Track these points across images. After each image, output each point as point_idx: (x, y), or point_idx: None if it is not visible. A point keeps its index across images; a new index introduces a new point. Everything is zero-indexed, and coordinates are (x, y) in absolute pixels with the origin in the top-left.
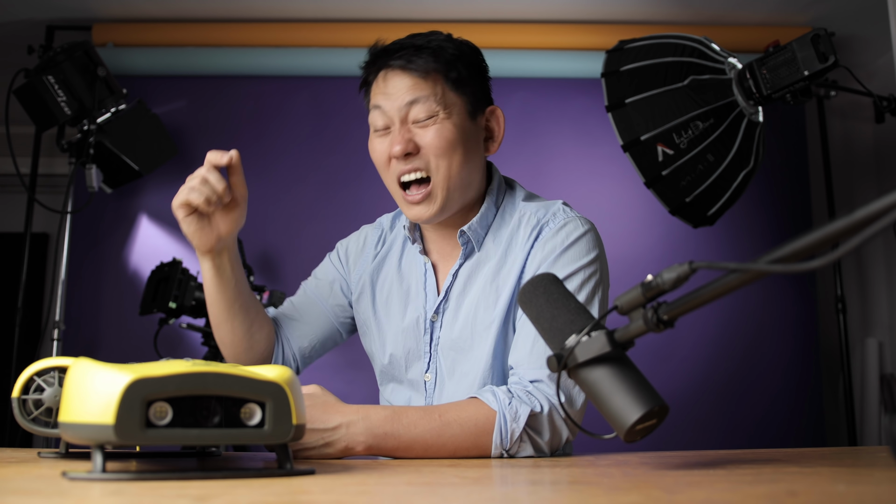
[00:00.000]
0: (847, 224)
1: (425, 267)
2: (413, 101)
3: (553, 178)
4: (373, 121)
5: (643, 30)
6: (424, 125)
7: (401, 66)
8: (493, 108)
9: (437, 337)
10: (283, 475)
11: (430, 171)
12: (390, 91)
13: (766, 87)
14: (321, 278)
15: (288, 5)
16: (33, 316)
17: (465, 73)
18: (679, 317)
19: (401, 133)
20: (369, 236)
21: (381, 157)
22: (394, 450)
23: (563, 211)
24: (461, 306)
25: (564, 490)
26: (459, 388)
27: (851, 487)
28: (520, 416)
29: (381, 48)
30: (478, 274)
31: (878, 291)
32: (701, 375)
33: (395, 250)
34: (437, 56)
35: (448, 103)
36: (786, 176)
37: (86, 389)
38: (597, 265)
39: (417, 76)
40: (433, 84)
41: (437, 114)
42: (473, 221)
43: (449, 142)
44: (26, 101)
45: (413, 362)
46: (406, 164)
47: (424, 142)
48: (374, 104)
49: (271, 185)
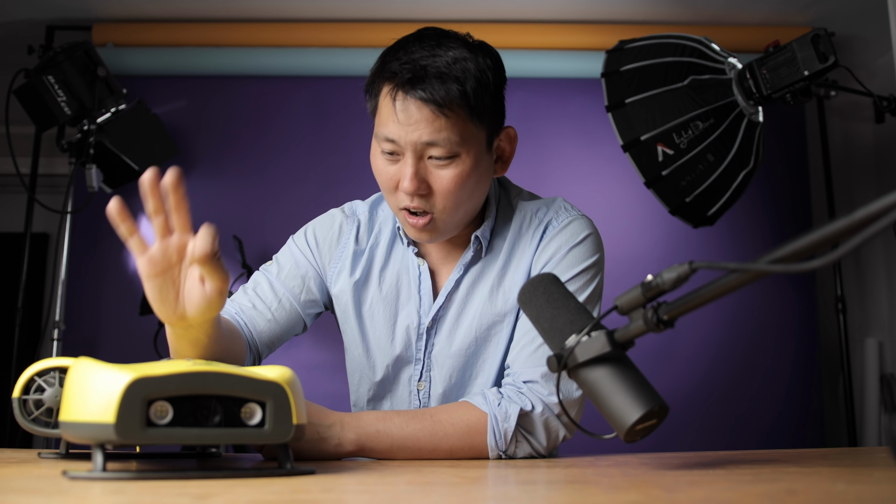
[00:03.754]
0: (847, 224)
1: (419, 270)
2: (431, 143)
3: (553, 178)
4: (380, 144)
5: (643, 30)
6: (440, 165)
7: (421, 98)
8: (507, 130)
9: (432, 344)
10: (283, 475)
11: (434, 211)
12: (408, 122)
13: (766, 87)
14: (290, 268)
15: (288, 5)
16: (33, 316)
17: (489, 102)
18: (679, 317)
19: (413, 168)
20: (344, 226)
21: (387, 181)
22: (387, 449)
23: (566, 208)
24: (464, 311)
25: (563, 490)
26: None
27: (851, 487)
28: (510, 415)
29: (399, 62)
30: (483, 278)
31: (877, 291)
32: (701, 375)
33: (380, 248)
34: (462, 85)
35: (467, 139)
36: (786, 176)
37: (86, 389)
38: (600, 266)
39: (439, 112)
40: (455, 121)
41: (457, 154)
42: (485, 227)
43: (462, 184)
44: (26, 101)
45: (402, 368)
46: (412, 200)
47: (438, 185)
48: (387, 135)
49: (271, 185)
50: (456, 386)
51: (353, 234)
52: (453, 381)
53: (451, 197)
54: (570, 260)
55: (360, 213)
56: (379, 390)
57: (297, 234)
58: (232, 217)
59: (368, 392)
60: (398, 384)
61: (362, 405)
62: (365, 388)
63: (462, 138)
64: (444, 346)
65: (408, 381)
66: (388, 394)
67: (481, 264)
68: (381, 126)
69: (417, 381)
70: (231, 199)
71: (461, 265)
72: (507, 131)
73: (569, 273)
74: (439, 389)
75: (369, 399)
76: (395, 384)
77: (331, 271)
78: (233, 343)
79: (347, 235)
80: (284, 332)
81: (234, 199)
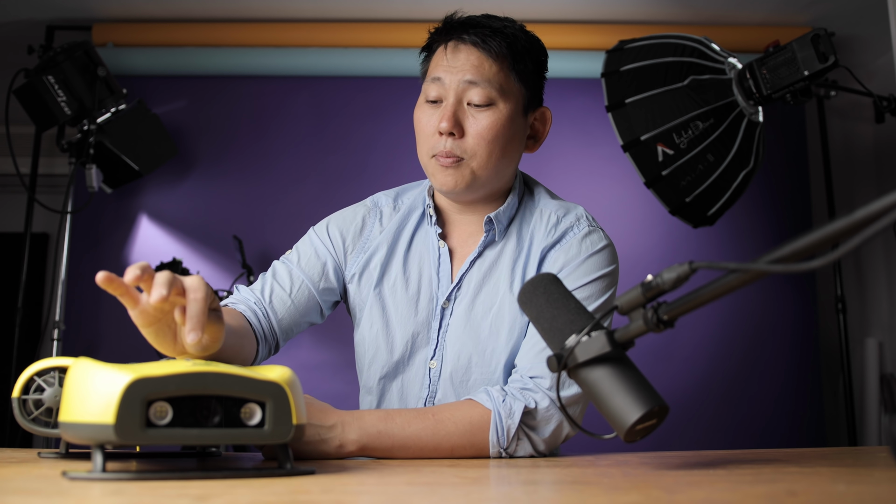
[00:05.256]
0: (847, 224)
1: (440, 251)
2: (474, 82)
3: (553, 178)
4: (427, 90)
5: (643, 30)
6: (479, 109)
7: (473, 42)
8: (543, 109)
9: (447, 324)
10: (283, 475)
11: (465, 155)
12: (455, 64)
13: (766, 87)
14: (310, 256)
15: (288, 5)
16: (33, 316)
17: (531, 68)
18: (679, 317)
19: (452, 110)
20: (367, 218)
21: (424, 128)
22: (389, 449)
23: (588, 218)
24: (479, 295)
25: (564, 490)
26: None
27: (851, 487)
28: (514, 412)
29: (458, 20)
30: (499, 264)
31: (877, 291)
32: (701, 375)
33: (405, 231)
34: (512, 43)
35: (507, 92)
36: (786, 176)
37: (86, 389)
38: (614, 278)
39: (486, 56)
40: (499, 69)
41: (494, 101)
42: (500, 210)
43: (496, 133)
44: (26, 101)
45: (420, 348)
46: (445, 143)
47: (473, 129)
48: (434, 75)
49: (271, 185)
50: (464, 367)
51: (377, 222)
52: (462, 363)
53: (483, 142)
54: (586, 268)
55: (382, 205)
56: (392, 369)
57: (318, 224)
58: (232, 217)
59: (382, 370)
60: (413, 362)
61: (372, 385)
62: (378, 365)
63: (502, 89)
64: (458, 327)
65: (424, 360)
66: (402, 372)
67: (498, 249)
68: (431, 72)
69: (430, 359)
70: (231, 199)
71: (478, 247)
72: (544, 111)
73: (583, 280)
74: (448, 369)
75: (381, 377)
76: (411, 362)
77: (351, 261)
78: (240, 344)
79: (371, 226)
80: (302, 317)
81: (234, 199)
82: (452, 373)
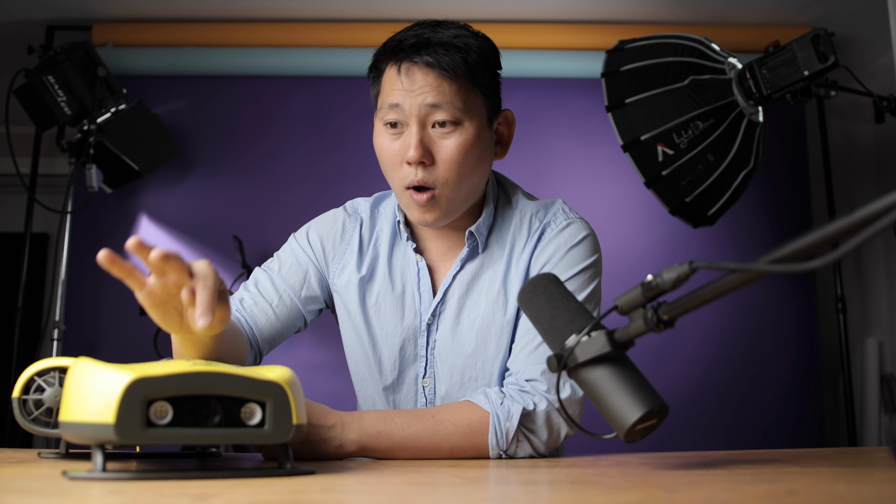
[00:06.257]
0: (847, 224)
1: (418, 266)
2: (436, 105)
3: (553, 178)
4: (384, 116)
5: (643, 30)
6: (444, 133)
7: (427, 63)
8: (506, 112)
9: (434, 340)
10: (283, 475)
11: (437, 185)
12: (413, 88)
13: (766, 87)
14: (291, 265)
15: (288, 5)
16: (33, 316)
17: (489, 77)
18: (679, 317)
19: (418, 137)
20: (347, 223)
21: (391, 158)
22: (388, 450)
23: (564, 211)
24: (463, 309)
25: (564, 490)
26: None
27: (851, 487)
28: (512, 414)
29: (402, 37)
30: (482, 276)
31: (877, 291)
32: (701, 375)
33: (382, 245)
34: (466, 55)
35: (471, 108)
36: (786, 176)
37: (86, 389)
38: (598, 267)
39: (444, 76)
40: (459, 87)
41: (460, 121)
42: (480, 223)
43: (465, 155)
44: (26, 101)
45: (408, 365)
46: (416, 174)
47: (442, 155)
48: (391, 101)
49: (271, 185)
50: (458, 384)
51: (357, 231)
52: (455, 379)
53: (455, 167)
54: (569, 260)
55: (361, 211)
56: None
57: (298, 231)
58: (232, 217)
59: (374, 394)
60: (404, 381)
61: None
62: (371, 390)
63: (465, 106)
64: (446, 342)
65: (414, 379)
66: (394, 393)
67: (479, 261)
68: (385, 97)
69: (423, 378)
70: (231, 199)
71: (458, 261)
72: (506, 114)
73: (567, 273)
74: (443, 386)
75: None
76: (402, 382)
77: (333, 268)
78: (235, 343)
79: (351, 233)
80: (285, 328)
81: (234, 199)
82: (449, 390)
